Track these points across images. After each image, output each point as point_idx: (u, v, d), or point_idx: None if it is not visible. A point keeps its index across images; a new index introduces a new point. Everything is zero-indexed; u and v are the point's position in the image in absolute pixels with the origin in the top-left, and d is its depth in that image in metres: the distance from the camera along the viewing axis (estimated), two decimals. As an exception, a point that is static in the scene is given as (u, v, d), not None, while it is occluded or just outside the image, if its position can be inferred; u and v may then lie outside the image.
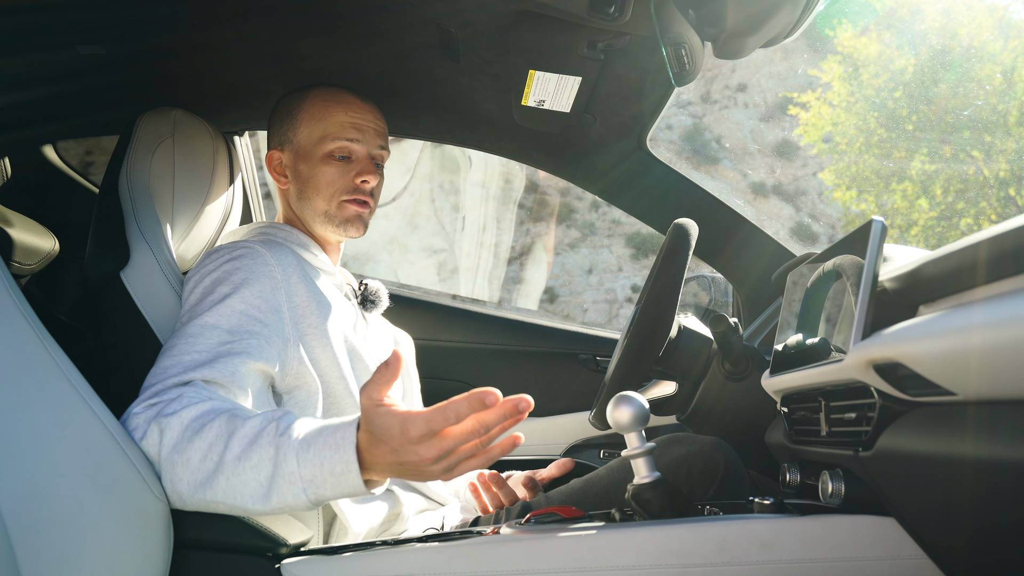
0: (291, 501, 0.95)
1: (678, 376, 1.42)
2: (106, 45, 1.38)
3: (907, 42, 11.20)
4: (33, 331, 1.01)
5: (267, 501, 0.96)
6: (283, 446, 0.95)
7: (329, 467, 0.93)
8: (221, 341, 1.13)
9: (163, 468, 1.00)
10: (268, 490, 0.95)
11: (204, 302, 1.18)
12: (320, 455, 0.93)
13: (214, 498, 0.98)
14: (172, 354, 1.11)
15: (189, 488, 0.99)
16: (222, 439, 0.98)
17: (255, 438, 0.97)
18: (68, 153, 1.97)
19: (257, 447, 0.97)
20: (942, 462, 0.78)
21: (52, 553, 0.94)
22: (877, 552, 0.91)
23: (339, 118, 1.39)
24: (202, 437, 0.99)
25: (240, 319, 1.16)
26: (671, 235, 1.34)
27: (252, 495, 0.96)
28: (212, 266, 1.23)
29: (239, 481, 0.96)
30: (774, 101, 12.62)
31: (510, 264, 9.83)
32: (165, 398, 1.05)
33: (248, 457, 0.96)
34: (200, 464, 0.98)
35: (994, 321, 0.65)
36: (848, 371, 0.88)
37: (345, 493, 0.94)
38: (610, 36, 1.32)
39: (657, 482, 1.02)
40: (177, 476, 0.99)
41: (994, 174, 10.57)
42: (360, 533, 1.23)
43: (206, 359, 1.10)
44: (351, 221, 1.41)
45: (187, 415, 1.01)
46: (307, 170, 1.40)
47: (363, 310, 1.49)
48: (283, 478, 0.95)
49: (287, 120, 1.43)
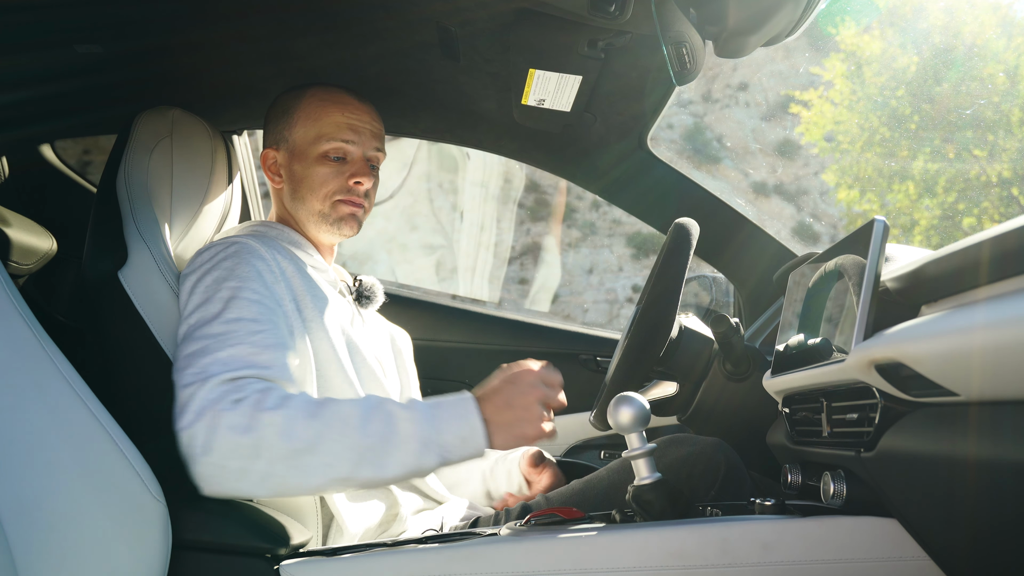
0: (427, 464, 1.07)
1: (679, 377, 1.41)
2: (104, 44, 1.37)
3: (910, 40, 11.19)
4: (31, 331, 1.01)
5: (403, 466, 1.06)
6: (415, 419, 1.08)
7: (457, 432, 1.08)
8: (251, 331, 1.13)
9: (279, 459, 1.02)
10: (403, 457, 1.06)
11: (214, 299, 1.17)
12: (449, 424, 1.08)
13: (347, 474, 1.04)
14: (209, 352, 1.10)
15: (311, 472, 1.03)
16: (341, 421, 1.05)
17: (375, 412, 1.07)
18: (66, 152, 1.96)
19: (382, 422, 1.07)
20: (944, 463, 0.78)
21: (49, 554, 0.94)
22: (879, 553, 0.90)
23: (335, 118, 1.39)
24: (322, 421, 1.04)
25: (259, 309, 1.17)
26: (672, 235, 1.34)
27: (388, 463, 1.05)
28: (209, 264, 1.23)
29: (373, 455, 1.04)
30: (776, 100, 12.61)
31: (510, 264, 9.83)
32: (248, 390, 1.06)
33: (376, 432, 1.05)
34: (327, 447, 1.03)
35: (996, 321, 0.65)
36: (850, 371, 0.88)
37: (470, 454, 1.09)
38: (611, 35, 1.32)
39: (658, 483, 1.02)
40: (300, 464, 1.02)
41: (997, 174, 10.55)
42: (357, 534, 1.23)
43: (249, 353, 1.11)
44: (344, 220, 1.41)
45: (297, 403, 1.05)
46: (301, 170, 1.40)
47: (359, 306, 1.48)
48: (419, 443, 1.06)
49: (283, 119, 1.43)
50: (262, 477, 1.02)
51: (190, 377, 1.08)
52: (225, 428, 1.02)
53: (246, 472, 1.02)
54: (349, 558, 1.03)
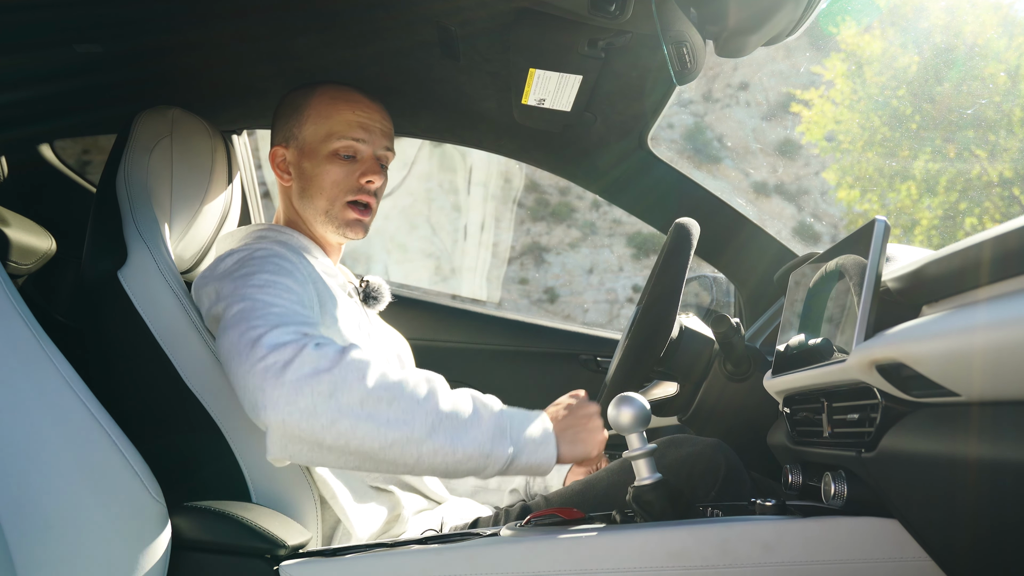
0: (498, 453, 1.06)
1: (679, 377, 1.41)
2: (103, 43, 1.37)
3: (911, 40, 11.18)
4: (30, 332, 1.01)
5: (478, 446, 1.05)
6: (494, 406, 1.11)
7: (531, 433, 1.10)
8: (296, 311, 1.13)
9: (355, 406, 1.00)
10: (479, 439, 1.05)
11: (250, 285, 1.15)
12: (523, 423, 1.11)
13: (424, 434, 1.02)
14: (268, 306, 1.10)
15: (384, 426, 1.01)
16: (424, 387, 1.05)
17: (458, 393, 1.09)
18: (65, 152, 1.96)
19: (463, 402, 1.08)
20: (945, 463, 0.78)
21: (49, 555, 0.94)
22: (880, 554, 0.90)
23: (346, 116, 1.39)
24: (407, 382, 1.04)
25: (297, 297, 1.17)
26: (672, 235, 1.33)
27: (462, 441, 1.04)
28: (236, 267, 1.21)
29: (451, 425, 1.04)
30: (776, 100, 12.60)
31: (510, 264, 9.82)
32: (324, 340, 1.06)
33: (459, 407, 1.06)
34: (406, 405, 1.02)
35: (998, 321, 0.65)
36: (851, 372, 0.87)
37: (538, 462, 1.10)
38: (611, 34, 1.32)
39: (658, 483, 1.02)
40: (376, 411, 1.01)
41: (998, 173, 10.54)
42: (363, 538, 1.23)
43: (305, 324, 1.10)
44: (350, 225, 1.41)
45: (379, 362, 1.05)
46: (311, 168, 1.39)
47: (365, 306, 1.48)
48: (496, 429, 1.07)
49: (292, 116, 1.42)
50: (331, 419, 0.98)
51: (258, 324, 1.06)
52: (308, 356, 1.00)
53: (315, 411, 0.98)
54: (349, 558, 1.03)
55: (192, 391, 1.20)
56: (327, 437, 0.99)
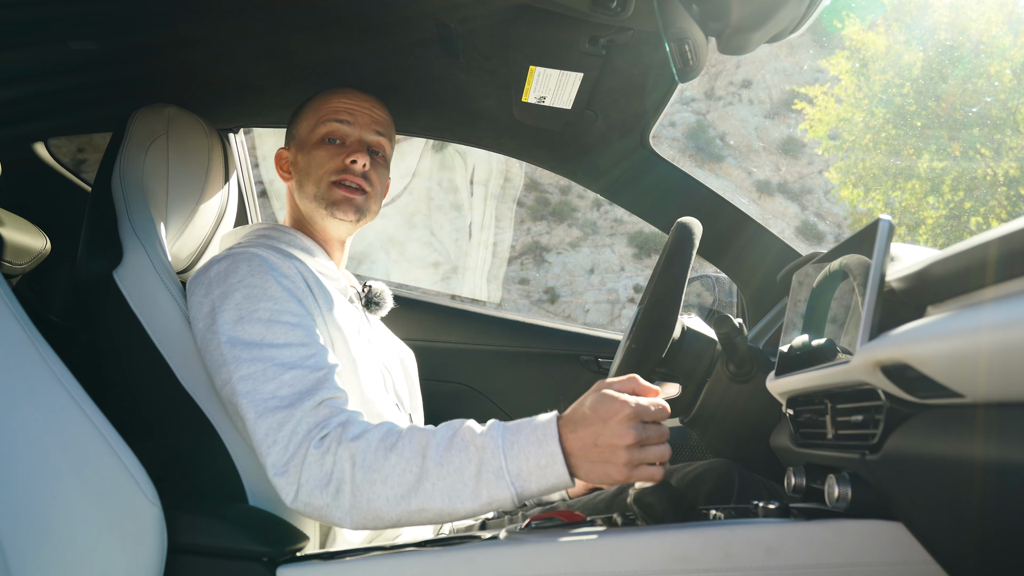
0: (499, 496, 0.99)
1: (681, 378, 1.40)
2: (98, 41, 1.37)
3: (915, 37, 11.16)
4: (24, 332, 1.01)
5: (476, 499, 0.99)
6: (487, 445, 1.00)
7: (535, 460, 0.99)
8: (304, 356, 1.13)
9: (359, 490, 1.02)
10: (476, 488, 0.99)
11: (252, 319, 1.15)
12: (525, 450, 0.99)
13: (420, 505, 1.00)
14: (270, 377, 1.10)
15: (389, 504, 1.01)
16: (418, 451, 1.02)
17: (452, 441, 1.02)
18: (60, 151, 1.96)
19: (458, 450, 1.01)
20: (951, 466, 0.77)
21: (43, 558, 0.94)
22: (884, 557, 0.90)
23: (332, 104, 1.42)
24: (398, 452, 1.02)
25: (303, 333, 1.16)
26: (674, 234, 1.32)
27: (460, 495, 0.99)
28: (234, 278, 1.19)
29: (445, 485, 1.00)
30: (779, 98, 12.59)
31: (510, 264, 9.83)
32: (331, 423, 1.07)
33: (450, 461, 1.00)
34: (400, 478, 1.01)
35: (1004, 322, 0.64)
36: (855, 373, 0.87)
37: (550, 485, 0.99)
38: (612, 31, 1.31)
39: (660, 486, 1.01)
40: (375, 494, 1.01)
41: (1004, 172, 10.52)
42: (356, 542, 1.22)
43: (313, 379, 1.11)
44: (338, 204, 1.38)
45: (374, 435, 1.04)
46: (303, 159, 1.42)
47: (367, 312, 1.47)
48: (490, 474, 0.99)
49: (294, 118, 1.48)
50: (345, 512, 1.03)
51: (262, 407, 1.08)
52: (308, 467, 1.04)
53: (329, 508, 1.03)
54: (346, 562, 1.03)
55: (188, 392, 1.19)
56: (346, 524, 1.04)
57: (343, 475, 1.02)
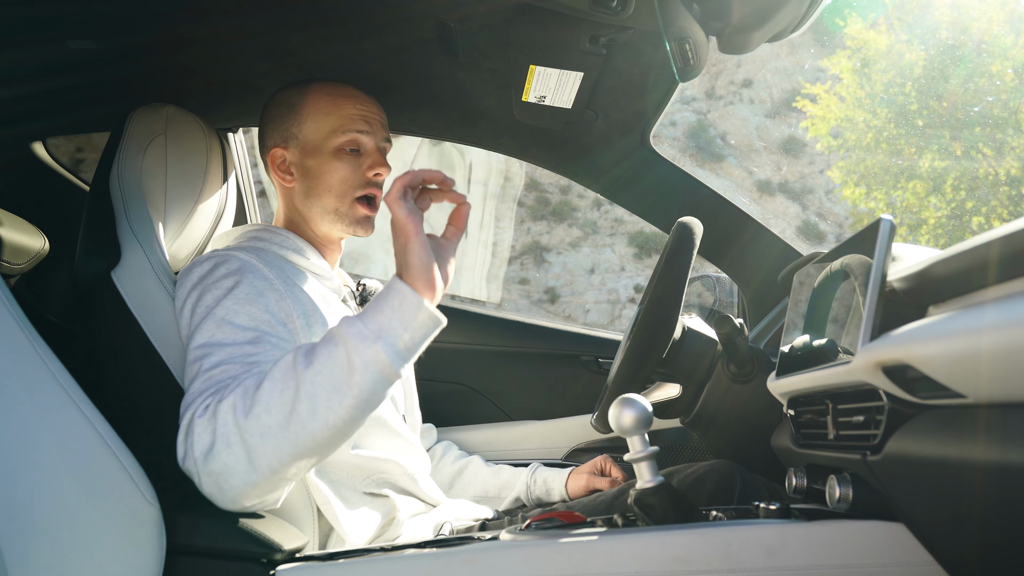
0: (373, 357, 0.98)
1: (682, 378, 1.40)
2: (97, 40, 1.37)
3: (917, 37, 11.15)
4: (22, 332, 1.01)
5: (354, 371, 0.98)
6: (343, 326, 1.01)
7: (388, 306, 1.01)
8: (247, 354, 1.11)
9: (247, 432, 0.99)
10: (350, 363, 0.98)
11: (210, 319, 1.15)
12: (376, 306, 1.02)
13: (308, 409, 0.98)
14: (201, 374, 1.09)
15: (281, 427, 0.98)
16: (287, 369, 1.00)
17: (313, 346, 1.02)
18: (58, 150, 1.95)
19: (321, 347, 1.01)
20: (953, 466, 0.77)
21: (41, 558, 0.93)
22: (886, 558, 0.90)
23: (348, 111, 1.37)
24: (270, 379, 1.00)
25: (254, 335, 1.15)
26: (675, 234, 1.32)
27: (339, 380, 0.98)
28: (210, 279, 1.20)
29: (323, 379, 0.98)
30: (780, 97, 12.57)
31: (510, 263, 9.81)
32: (212, 398, 1.05)
33: (318, 357, 1.00)
34: (280, 397, 0.99)
35: (1006, 322, 0.64)
36: (856, 373, 0.87)
37: (418, 324, 1.01)
38: (612, 30, 1.30)
39: (661, 486, 1.01)
40: (263, 427, 0.98)
41: (1006, 171, 10.51)
42: (356, 544, 1.22)
43: (238, 372, 1.09)
44: (361, 223, 1.39)
45: (248, 381, 1.03)
46: (317, 166, 1.37)
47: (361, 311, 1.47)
48: (356, 341, 0.99)
49: (289, 116, 1.39)
50: (246, 462, 0.98)
51: (183, 406, 1.08)
52: (196, 436, 1.01)
53: (228, 466, 0.99)
54: (345, 563, 1.02)
55: None
56: (256, 475, 1.00)
57: (227, 427, 0.99)
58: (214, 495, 1.01)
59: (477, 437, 1.87)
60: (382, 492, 1.32)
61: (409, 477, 1.37)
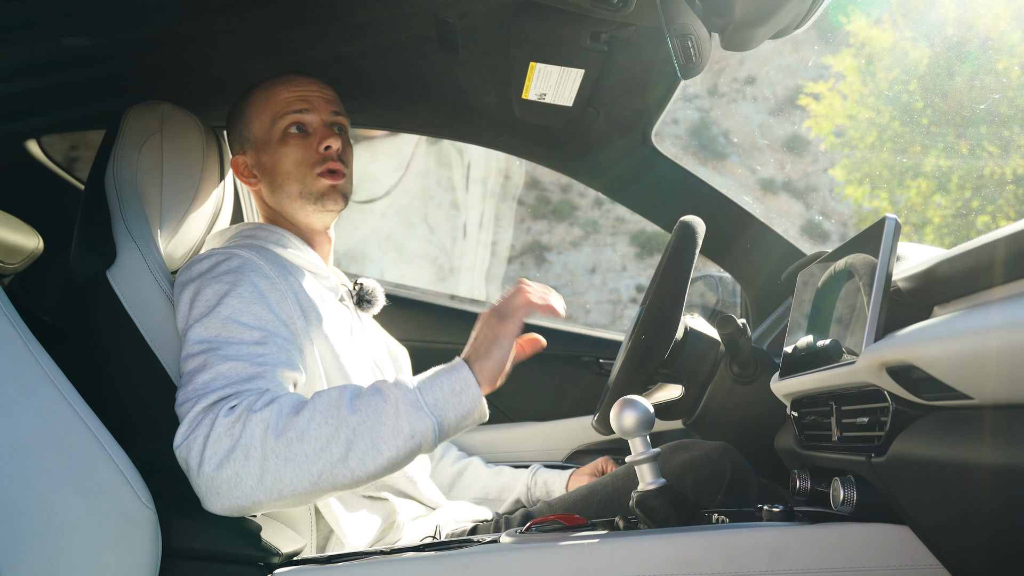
0: (420, 427, 1.02)
1: (684, 379, 1.40)
2: (92, 36, 1.36)
3: (922, 34, 11.12)
4: (16, 332, 1.00)
5: (398, 434, 1.01)
6: (399, 386, 1.05)
7: (449, 387, 1.05)
8: (253, 353, 1.11)
9: (273, 453, 0.99)
10: (396, 424, 1.01)
11: (214, 316, 1.14)
12: (437, 381, 1.06)
13: (342, 451, 1.00)
14: (209, 367, 1.09)
15: (309, 459, 0.99)
16: (331, 405, 1.02)
17: (363, 392, 1.05)
18: (53, 148, 1.95)
19: (370, 396, 1.04)
20: (958, 468, 0.77)
21: (35, 561, 0.93)
22: (891, 561, 0.90)
23: (283, 96, 1.38)
24: (311, 409, 1.02)
25: (260, 334, 1.14)
26: (677, 233, 1.32)
27: (381, 434, 1.01)
28: (210, 275, 1.20)
29: (365, 428, 1.01)
30: (784, 95, 12.55)
31: (510, 263, 9.80)
32: (244, 396, 1.04)
33: (366, 405, 1.02)
34: (318, 431, 1.00)
35: (1012, 322, 0.64)
36: (860, 374, 0.87)
37: (467, 409, 1.05)
38: (614, 27, 1.30)
39: (662, 489, 1.00)
40: (292, 453, 0.99)
41: (1012, 170, 10.48)
42: (356, 547, 1.21)
43: (249, 369, 1.09)
44: (327, 194, 1.38)
45: (286, 401, 1.03)
46: (271, 158, 1.38)
47: (359, 310, 1.46)
48: (409, 407, 1.02)
49: (239, 122, 1.43)
50: (257, 479, 0.98)
51: (188, 394, 1.06)
52: (215, 436, 1.00)
53: (239, 477, 0.98)
54: (344, 566, 1.02)
55: None
56: (260, 495, 0.99)
57: (253, 439, 0.98)
58: (207, 496, 1.00)
59: (477, 439, 1.87)
60: (381, 495, 1.31)
61: (408, 480, 1.36)
